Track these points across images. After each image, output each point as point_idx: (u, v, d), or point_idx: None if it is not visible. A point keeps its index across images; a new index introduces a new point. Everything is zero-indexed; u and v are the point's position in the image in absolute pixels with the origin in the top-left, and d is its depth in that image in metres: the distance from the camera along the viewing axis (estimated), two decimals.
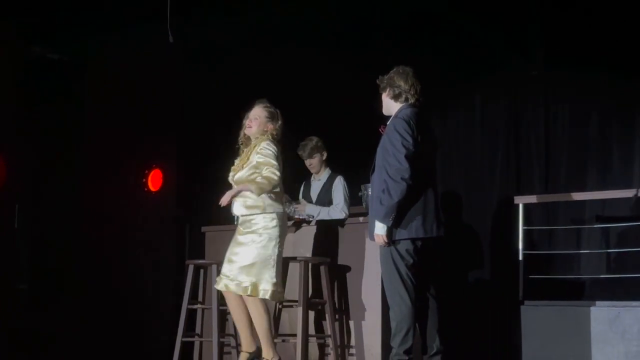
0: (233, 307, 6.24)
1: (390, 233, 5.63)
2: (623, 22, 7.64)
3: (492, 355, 7.75)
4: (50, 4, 7.74)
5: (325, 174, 7.65)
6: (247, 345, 6.26)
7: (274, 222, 6.17)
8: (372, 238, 5.79)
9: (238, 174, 6.27)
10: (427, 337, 5.94)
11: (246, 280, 6.14)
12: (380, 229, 5.64)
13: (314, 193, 7.64)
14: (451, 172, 8.46)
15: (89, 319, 7.78)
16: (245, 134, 6.35)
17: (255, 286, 6.14)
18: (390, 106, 5.87)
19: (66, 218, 7.85)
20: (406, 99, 5.81)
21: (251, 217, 6.19)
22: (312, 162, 7.62)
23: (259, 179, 6.11)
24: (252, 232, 6.18)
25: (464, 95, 8.49)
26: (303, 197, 7.67)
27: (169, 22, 7.08)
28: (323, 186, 7.59)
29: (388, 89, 5.86)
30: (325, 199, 7.50)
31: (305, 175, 7.88)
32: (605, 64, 7.72)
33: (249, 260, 6.16)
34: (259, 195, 6.11)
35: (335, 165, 7.76)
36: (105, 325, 7.80)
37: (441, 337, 5.94)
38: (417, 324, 5.82)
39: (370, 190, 6.22)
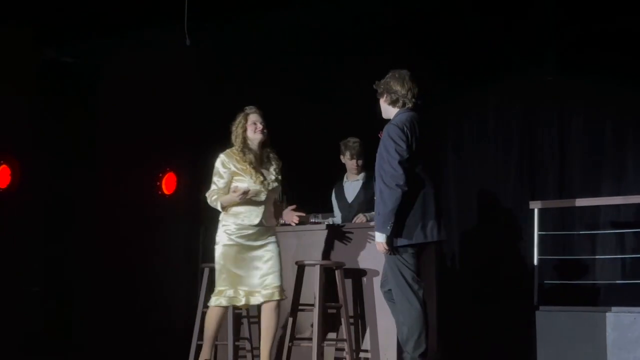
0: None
1: (391, 241, 5.64)
2: (637, 29, 7.65)
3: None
4: (64, 8, 7.74)
5: (361, 174, 7.55)
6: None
7: None
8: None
9: (275, 187, 6.41)
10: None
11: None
12: (379, 237, 5.68)
13: (350, 194, 7.52)
14: (466, 178, 8.46)
15: (102, 321, 7.77)
16: (249, 138, 6.40)
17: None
18: (389, 111, 5.90)
19: (79, 221, 7.85)
20: (404, 104, 5.82)
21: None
22: (360, 163, 7.52)
23: None
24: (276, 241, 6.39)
25: (478, 101, 8.50)
26: (337, 200, 7.56)
27: (185, 24, 7.08)
28: (362, 186, 7.48)
29: (385, 95, 5.87)
30: (363, 199, 7.38)
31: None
32: (619, 70, 7.73)
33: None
34: None
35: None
36: (118, 328, 7.79)
37: (439, 341, 5.95)
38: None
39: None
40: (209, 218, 8.32)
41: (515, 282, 7.84)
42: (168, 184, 8.45)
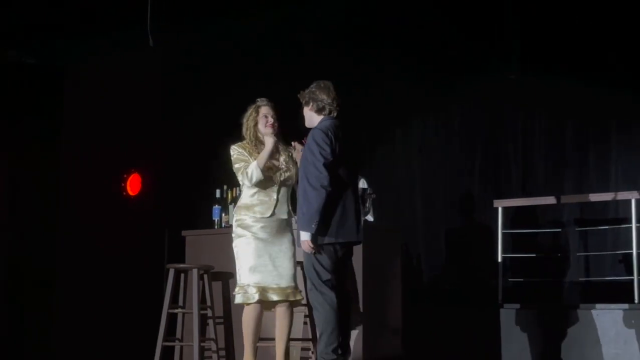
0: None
1: (315, 239, 5.84)
2: (600, 30, 7.74)
3: (472, 358, 7.79)
4: (26, 8, 7.69)
5: (361, 180, 7.51)
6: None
7: None
8: (299, 245, 5.98)
9: (288, 178, 6.23)
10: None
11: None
12: (304, 235, 5.87)
13: None
14: (431, 177, 8.51)
15: (67, 324, 7.73)
16: (260, 132, 6.23)
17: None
18: (313, 119, 6.08)
19: (44, 224, 7.79)
20: (329, 112, 6.02)
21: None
22: None
23: None
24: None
25: (443, 100, 8.54)
26: None
27: (148, 25, 7.06)
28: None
29: (311, 103, 6.07)
30: None
31: None
32: (581, 69, 7.82)
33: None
34: None
35: None
36: (84, 330, 7.75)
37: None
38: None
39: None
40: (174, 218, 8.36)
41: (480, 280, 7.89)
42: (133, 185, 8.41)
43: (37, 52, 8.23)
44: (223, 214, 7.58)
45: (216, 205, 7.61)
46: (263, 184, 6.17)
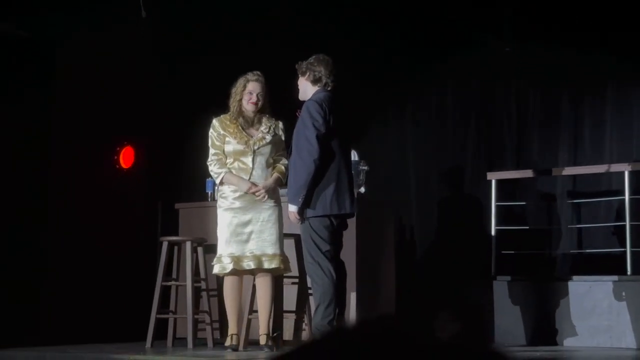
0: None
1: (302, 211, 5.81)
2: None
3: (464, 330, 7.81)
4: None
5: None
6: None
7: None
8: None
9: (263, 146, 6.28)
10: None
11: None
12: (292, 207, 5.90)
13: None
14: (425, 150, 8.49)
15: (60, 298, 7.72)
16: (244, 106, 6.31)
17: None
18: (308, 90, 6.06)
19: (35, 196, 7.77)
20: (325, 84, 6.00)
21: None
22: None
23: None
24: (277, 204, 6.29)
25: (437, 73, 8.51)
26: None
27: None
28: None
29: (308, 73, 6.04)
30: None
31: None
32: (576, 40, 7.79)
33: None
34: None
35: None
36: (77, 303, 7.74)
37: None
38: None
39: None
40: (167, 191, 8.34)
41: (473, 253, 7.90)
42: (126, 157, 8.38)
43: (29, 24, 8.16)
44: (216, 187, 7.57)
45: (209, 178, 7.59)
46: (238, 154, 6.22)
